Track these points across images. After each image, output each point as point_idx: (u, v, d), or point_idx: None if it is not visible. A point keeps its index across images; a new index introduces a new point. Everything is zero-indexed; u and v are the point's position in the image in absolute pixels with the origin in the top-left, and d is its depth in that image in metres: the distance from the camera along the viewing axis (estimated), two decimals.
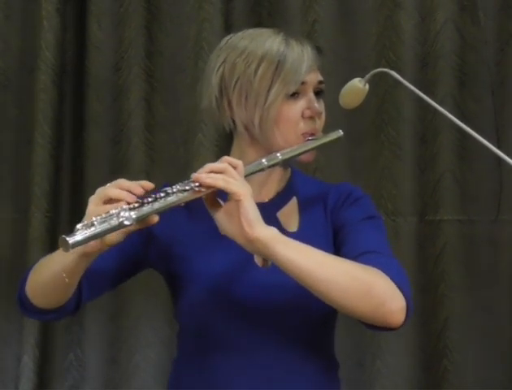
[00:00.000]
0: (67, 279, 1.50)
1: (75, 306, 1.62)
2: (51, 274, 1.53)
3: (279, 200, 1.72)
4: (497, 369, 2.67)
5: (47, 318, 1.63)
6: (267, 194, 1.71)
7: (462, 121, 1.61)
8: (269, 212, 1.62)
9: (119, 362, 2.70)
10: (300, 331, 1.64)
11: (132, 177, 2.66)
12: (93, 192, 2.81)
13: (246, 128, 1.67)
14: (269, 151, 1.64)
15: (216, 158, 2.61)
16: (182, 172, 2.68)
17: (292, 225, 1.70)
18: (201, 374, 1.65)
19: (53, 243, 2.69)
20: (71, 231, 1.35)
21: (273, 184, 1.72)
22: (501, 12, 2.68)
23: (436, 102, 1.66)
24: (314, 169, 2.59)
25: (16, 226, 2.73)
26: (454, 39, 2.67)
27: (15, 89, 2.75)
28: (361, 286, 1.49)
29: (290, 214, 1.71)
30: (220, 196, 1.51)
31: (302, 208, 1.72)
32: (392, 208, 2.67)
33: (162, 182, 2.63)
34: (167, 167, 2.72)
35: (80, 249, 1.42)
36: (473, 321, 2.66)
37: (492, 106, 2.66)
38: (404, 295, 1.53)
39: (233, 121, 1.68)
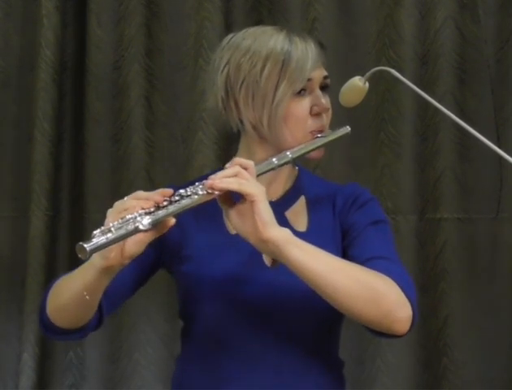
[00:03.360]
0: (87, 297, 1.49)
1: (97, 323, 1.61)
2: (72, 293, 1.51)
3: (288, 199, 1.71)
4: (497, 367, 2.66)
5: (72, 338, 1.62)
6: (275, 193, 1.71)
7: (461, 119, 1.60)
8: (277, 211, 1.62)
9: (119, 360, 2.69)
10: (307, 331, 1.64)
11: (131, 175, 2.69)
12: (93, 191, 2.81)
13: (255, 128, 1.67)
14: (278, 150, 1.64)
15: (216, 156, 2.65)
16: (182, 170, 2.68)
17: (301, 225, 1.69)
18: (208, 373, 1.64)
19: (53, 241, 2.69)
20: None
21: (281, 183, 1.71)
22: (501, 10, 2.68)
23: (435, 100, 1.65)
24: (314, 166, 2.59)
25: (16, 224, 2.72)
26: (454, 37, 2.67)
27: (15, 87, 2.75)
28: (370, 293, 1.50)
29: (298, 213, 1.71)
30: (233, 196, 1.51)
31: (311, 208, 1.71)
32: (392, 206, 2.66)
33: (162, 180, 2.67)
34: (167, 165, 2.71)
35: (101, 263, 1.42)
36: (473, 319, 2.66)
37: (492, 103, 2.66)
38: (411, 303, 1.54)
39: (241, 121, 1.68)
